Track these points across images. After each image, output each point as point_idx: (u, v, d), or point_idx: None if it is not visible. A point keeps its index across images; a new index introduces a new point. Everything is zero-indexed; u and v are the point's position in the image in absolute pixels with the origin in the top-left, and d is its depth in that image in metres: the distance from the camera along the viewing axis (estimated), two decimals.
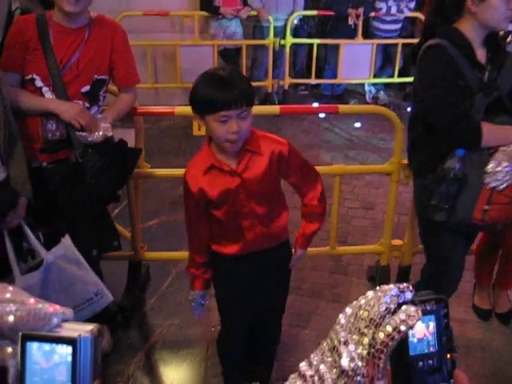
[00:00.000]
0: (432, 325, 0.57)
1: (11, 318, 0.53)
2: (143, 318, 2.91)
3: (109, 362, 2.49)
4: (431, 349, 0.57)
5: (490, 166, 2.02)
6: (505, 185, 2.01)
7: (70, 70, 2.26)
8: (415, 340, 0.56)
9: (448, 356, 0.58)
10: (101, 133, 2.24)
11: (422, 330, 0.57)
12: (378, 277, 3.09)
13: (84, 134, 2.22)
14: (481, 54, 2.11)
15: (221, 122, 1.70)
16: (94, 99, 2.34)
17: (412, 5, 5.77)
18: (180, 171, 3.00)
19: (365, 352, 0.52)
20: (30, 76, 2.25)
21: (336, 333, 0.55)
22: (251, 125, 1.78)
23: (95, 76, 2.31)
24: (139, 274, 3.08)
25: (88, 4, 2.26)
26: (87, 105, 2.31)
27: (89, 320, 2.02)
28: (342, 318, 0.56)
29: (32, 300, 0.55)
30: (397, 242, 3.03)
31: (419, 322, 0.55)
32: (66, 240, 2.16)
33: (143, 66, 5.17)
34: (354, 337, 0.53)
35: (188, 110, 2.90)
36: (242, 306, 2.13)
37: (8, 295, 0.56)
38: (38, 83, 2.25)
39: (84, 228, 2.41)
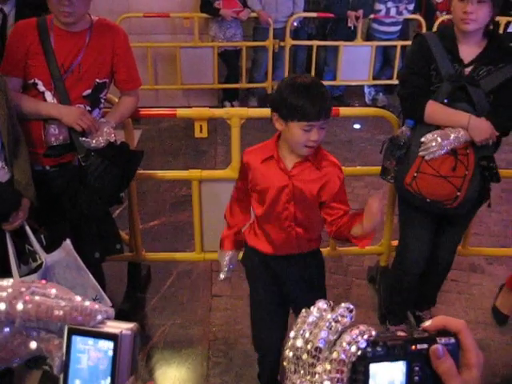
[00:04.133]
0: (400, 370, 0.56)
1: (60, 313, 0.57)
2: (145, 318, 2.92)
3: None
4: None
5: (424, 137, 2.24)
6: (431, 156, 2.23)
7: (71, 74, 2.27)
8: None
9: None
10: (104, 138, 2.25)
11: (388, 373, 0.55)
12: (378, 277, 3.12)
13: (87, 140, 2.24)
14: (469, 51, 2.26)
15: (304, 130, 1.80)
16: (95, 102, 2.36)
17: (411, 7, 5.79)
18: (180, 173, 3.04)
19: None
20: (33, 80, 2.26)
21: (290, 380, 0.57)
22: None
23: (97, 80, 2.32)
24: (139, 275, 3.09)
25: (83, 13, 2.25)
26: (88, 108, 2.32)
27: None
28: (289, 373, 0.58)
29: (78, 298, 0.60)
30: (396, 242, 3.05)
31: (385, 365, 0.55)
32: (67, 244, 2.17)
33: (143, 67, 5.19)
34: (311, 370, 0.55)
35: (190, 112, 2.96)
36: (270, 305, 2.15)
37: (54, 290, 0.60)
38: (41, 88, 2.26)
39: (87, 231, 2.42)
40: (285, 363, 0.58)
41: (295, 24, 5.84)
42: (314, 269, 2.15)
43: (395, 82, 6.09)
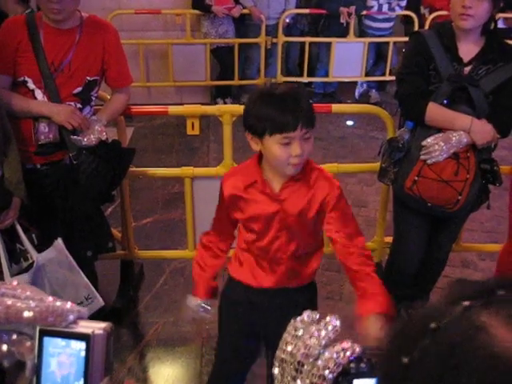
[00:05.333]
0: None
1: (30, 314, 0.56)
2: (138, 316, 2.91)
3: None
4: None
5: (426, 141, 2.19)
6: (433, 160, 2.17)
7: (62, 72, 2.25)
8: None
9: None
10: (95, 136, 2.24)
11: None
12: None
13: (78, 138, 2.22)
14: (468, 49, 2.19)
15: (283, 144, 1.54)
16: (86, 100, 2.34)
17: (403, 3, 5.79)
18: (172, 171, 3.03)
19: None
20: (22, 78, 2.24)
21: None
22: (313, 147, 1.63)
23: (87, 77, 2.30)
24: (132, 273, 3.08)
25: (73, 10, 2.23)
26: (79, 105, 2.31)
27: None
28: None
29: (50, 298, 0.58)
30: (389, 239, 3.05)
31: (369, 381, 0.55)
32: (58, 243, 2.16)
33: (135, 64, 5.16)
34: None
35: (181, 109, 2.95)
36: (244, 342, 1.90)
37: (28, 293, 0.58)
38: (31, 85, 2.25)
39: (79, 229, 2.41)
40: (274, 371, 0.58)
41: (287, 20, 5.83)
42: (302, 306, 1.87)
43: (388, 78, 6.11)
